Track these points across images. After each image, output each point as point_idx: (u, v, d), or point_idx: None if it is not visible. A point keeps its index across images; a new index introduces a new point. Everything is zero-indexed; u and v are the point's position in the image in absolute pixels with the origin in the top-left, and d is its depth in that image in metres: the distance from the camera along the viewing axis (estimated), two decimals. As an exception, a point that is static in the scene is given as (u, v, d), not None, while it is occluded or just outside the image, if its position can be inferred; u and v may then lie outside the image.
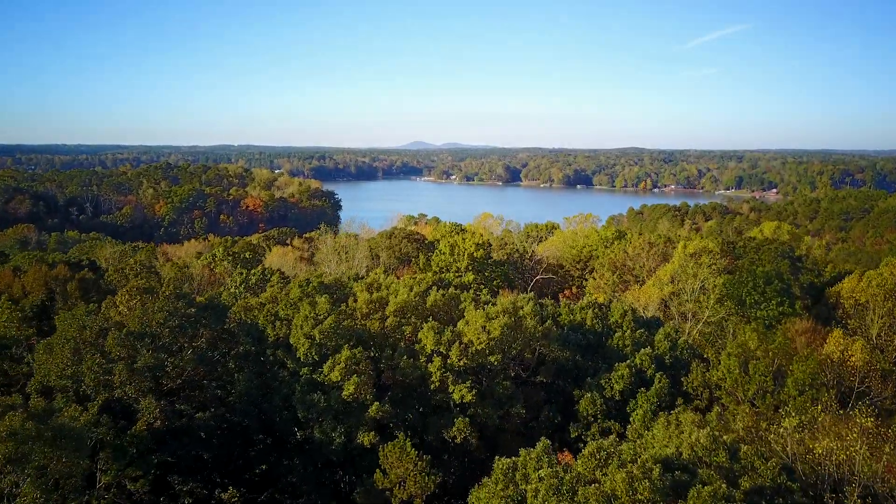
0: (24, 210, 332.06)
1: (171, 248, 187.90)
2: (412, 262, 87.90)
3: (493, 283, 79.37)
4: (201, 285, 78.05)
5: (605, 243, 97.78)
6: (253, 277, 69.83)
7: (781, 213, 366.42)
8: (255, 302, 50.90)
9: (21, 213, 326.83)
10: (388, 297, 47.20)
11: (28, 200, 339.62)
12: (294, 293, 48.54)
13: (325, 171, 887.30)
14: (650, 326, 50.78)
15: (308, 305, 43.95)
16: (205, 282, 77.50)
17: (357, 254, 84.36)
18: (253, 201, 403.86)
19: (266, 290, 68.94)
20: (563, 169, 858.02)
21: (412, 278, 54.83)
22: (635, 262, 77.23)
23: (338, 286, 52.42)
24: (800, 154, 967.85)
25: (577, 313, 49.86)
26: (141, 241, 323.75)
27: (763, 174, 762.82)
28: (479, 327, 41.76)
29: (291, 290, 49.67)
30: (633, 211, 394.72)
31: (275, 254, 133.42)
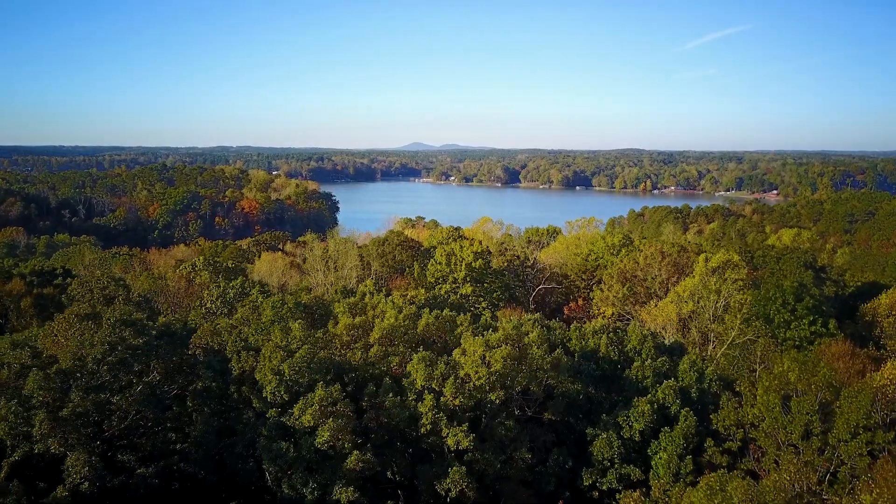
0: (15, 212, 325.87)
1: (159, 253, 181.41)
2: (407, 271, 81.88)
3: (493, 295, 73.40)
4: (178, 298, 72.04)
5: (612, 250, 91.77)
6: (231, 291, 63.79)
7: (784, 215, 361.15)
8: (224, 324, 44.85)
9: (12, 215, 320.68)
10: (374, 319, 41.22)
11: (19, 202, 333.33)
12: (266, 315, 42.54)
13: (323, 172, 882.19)
14: (672, 353, 44.63)
15: (280, 332, 37.95)
16: (181, 295, 71.51)
17: (347, 263, 78.26)
18: (248, 203, 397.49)
19: (244, 304, 63.03)
20: (562, 170, 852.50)
21: (402, 296, 48.84)
22: (646, 273, 71.27)
23: (318, 305, 46.41)
24: (798, 155, 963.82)
25: (589, 338, 43.65)
26: (134, 243, 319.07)
27: (763, 175, 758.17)
28: (478, 358, 35.77)
29: (264, 311, 43.65)
30: (633, 213, 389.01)
31: (264, 260, 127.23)
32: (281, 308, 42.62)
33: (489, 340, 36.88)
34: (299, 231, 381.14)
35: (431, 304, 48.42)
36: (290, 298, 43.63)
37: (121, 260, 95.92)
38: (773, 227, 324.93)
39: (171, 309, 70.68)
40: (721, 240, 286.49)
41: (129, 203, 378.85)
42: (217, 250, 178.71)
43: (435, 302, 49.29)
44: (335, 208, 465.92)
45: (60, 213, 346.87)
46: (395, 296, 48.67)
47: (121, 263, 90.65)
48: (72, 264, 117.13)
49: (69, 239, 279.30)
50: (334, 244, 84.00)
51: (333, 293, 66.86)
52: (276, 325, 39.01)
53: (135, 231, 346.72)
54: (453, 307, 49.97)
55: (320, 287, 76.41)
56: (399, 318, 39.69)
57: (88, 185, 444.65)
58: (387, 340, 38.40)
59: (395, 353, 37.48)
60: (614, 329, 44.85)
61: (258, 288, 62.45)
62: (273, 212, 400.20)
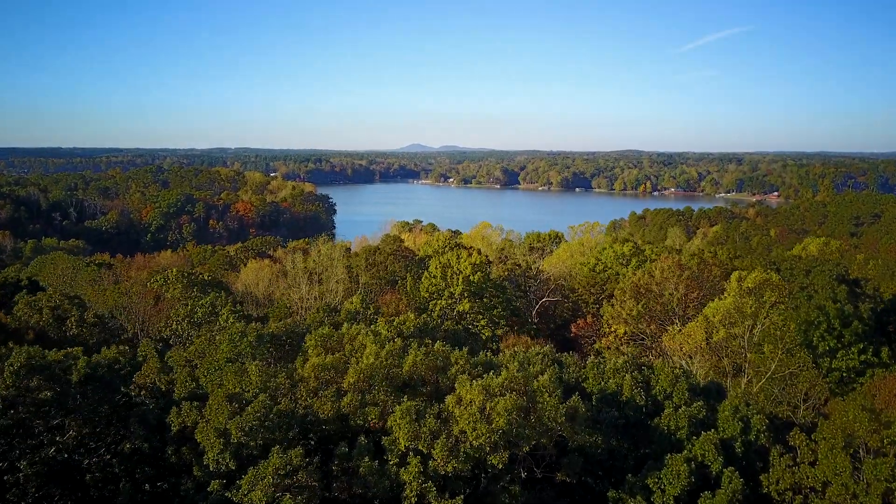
0: (4, 215, 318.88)
1: (145, 259, 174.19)
2: (399, 284, 74.79)
3: (493, 312, 66.37)
4: (146, 317, 64.91)
5: (622, 261, 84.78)
6: (199, 310, 56.73)
7: (788, 217, 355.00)
8: (178, 358, 37.75)
9: (1, 218, 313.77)
10: (351, 355, 34.15)
11: (9, 205, 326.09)
12: (222, 351, 35.42)
13: (321, 174, 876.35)
14: (709, 395, 37.41)
15: (233, 375, 30.90)
16: (148, 314, 64.46)
17: (333, 275, 71.03)
18: (243, 206, 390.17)
19: (217, 324, 55.96)
20: (561, 172, 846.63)
21: (389, 320, 41.71)
22: (662, 287, 64.27)
23: (289, 334, 39.24)
24: (798, 156, 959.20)
25: (609, 377, 36.35)
26: (126, 247, 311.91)
27: (764, 177, 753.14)
28: (477, 410, 28.74)
29: (220, 344, 36.52)
30: (634, 215, 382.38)
31: (250, 269, 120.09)
32: (240, 340, 35.53)
33: (490, 386, 29.81)
34: (295, 234, 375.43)
35: (422, 332, 41.36)
36: (251, 329, 36.56)
37: (90, 270, 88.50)
38: (777, 230, 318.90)
39: (137, 330, 63.53)
40: (725, 243, 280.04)
41: (122, 206, 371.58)
42: (205, 256, 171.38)
43: (426, 328, 42.27)
44: (332, 210, 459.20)
45: (51, 216, 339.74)
46: (379, 324, 41.58)
47: (90, 274, 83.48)
48: (44, 273, 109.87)
49: (58, 243, 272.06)
50: (318, 255, 76.73)
51: (315, 312, 59.77)
52: (229, 367, 31.92)
53: (127, 234, 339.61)
54: (448, 336, 42.85)
55: (303, 301, 69.33)
56: (381, 356, 32.60)
57: (81, 187, 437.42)
58: (365, 385, 31.33)
59: (373, 403, 30.39)
60: (638, 365, 37.68)
61: (229, 307, 55.31)
62: (268, 214, 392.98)
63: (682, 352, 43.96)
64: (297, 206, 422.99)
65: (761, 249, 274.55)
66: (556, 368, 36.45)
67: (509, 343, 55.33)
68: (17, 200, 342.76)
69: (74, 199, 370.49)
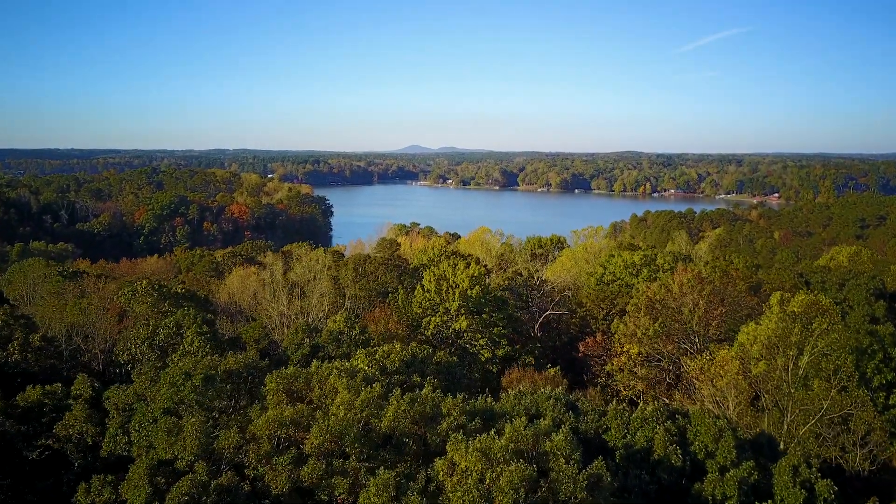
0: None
1: (132, 264, 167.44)
2: (389, 297, 68.18)
3: (493, 330, 59.78)
4: (109, 337, 58.33)
5: (632, 270, 78.28)
6: (162, 332, 50.11)
7: (792, 219, 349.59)
8: (115, 398, 30.99)
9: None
10: (320, 402, 27.62)
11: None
12: (160, 398, 28.65)
13: (319, 175, 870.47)
14: (759, 450, 30.75)
15: (165, 435, 24.22)
16: (111, 333, 57.89)
17: (316, 288, 64.24)
18: (238, 208, 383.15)
19: (181, 348, 49.36)
20: (560, 173, 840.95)
21: (371, 354, 35.14)
22: (681, 303, 57.84)
23: (250, 369, 32.62)
24: (797, 157, 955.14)
25: (636, 429, 29.64)
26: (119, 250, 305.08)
27: (764, 178, 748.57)
28: (475, 483, 22.28)
29: (160, 389, 29.70)
30: (636, 217, 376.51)
31: (235, 277, 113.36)
32: (183, 385, 28.78)
33: (491, 451, 23.32)
34: (291, 237, 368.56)
35: (410, 366, 34.82)
36: (202, 366, 29.82)
37: (53, 282, 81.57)
38: (781, 232, 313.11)
39: (97, 352, 56.93)
40: (728, 246, 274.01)
41: (115, 208, 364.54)
42: (192, 261, 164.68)
43: (415, 361, 35.72)
44: (329, 212, 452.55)
45: (42, 218, 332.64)
46: (358, 357, 34.95)
47: (53, 286, 76.70)
48: (16, 283, 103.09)
49: (45, 247, 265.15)
50: (301, 266, 69.99)
51: (294, 332, 53.17)
52: (164, 422, 25.29)
53: (119, 237, 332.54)
54: (441, 370, 36.21)
55: (284, 318, 62.74)
56: (356, 406, 26.08)
57: (73, 189, 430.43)
58: (333, 445, 24.81)
59: (342, 471, 23.85)
60: (671, 413, 30.97)
61: (195, 328, 48.64)
62: (264, 217, 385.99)
63: (715, 388, 37.49)
64: (293, 209, 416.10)
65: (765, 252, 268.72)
66: (571, 416, 29.89)
67: (513, 378, 48.80)
68: (6, 202, 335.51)
69: (66, 202, 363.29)
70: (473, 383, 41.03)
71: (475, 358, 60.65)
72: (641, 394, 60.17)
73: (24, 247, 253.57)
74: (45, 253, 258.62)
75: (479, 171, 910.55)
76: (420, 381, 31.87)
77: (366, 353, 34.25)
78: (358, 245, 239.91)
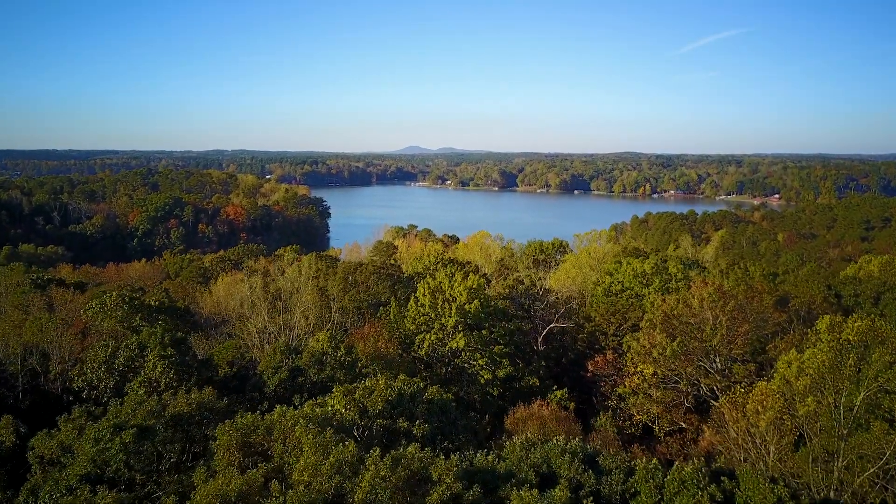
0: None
1: (117, 269, 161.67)
2: (381, 312, 62.68)
3: (493, 349, 54.30)
4: (70, 357, 52.85)
5: (643, 280, 72.85)
6: (122, 355, 44.70)
7: (796, 221, 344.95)
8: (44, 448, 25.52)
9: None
10: (281, 460, 22.28)
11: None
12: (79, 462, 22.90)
13: (317, 176, 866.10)
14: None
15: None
16: (74, 353, 52.47)
17: (300, 301, 58.51)
18: (234, 209, 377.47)
19: (142, 373, 43.91)
20: (560, 174, 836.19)
21: (347, 394, 29.64)
22: (700, 318, 52.49)
23: (203, 412, 27.23)
24: (797, 158, 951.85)
25: (673, 497, 23.68)
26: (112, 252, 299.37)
27: (764, 179, 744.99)
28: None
29: (83, 443, 24.15)
30: (637, 219, 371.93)
31: (221, 285, 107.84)
32: (110, 443, 23.24)
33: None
34: (287, 239, 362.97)
35: (396, 407, 29.31)
36: (141, 413, 24.50)
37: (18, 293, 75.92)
38: (784, 234, 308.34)
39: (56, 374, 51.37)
40: (731, 248, 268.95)
41: (108, 209, 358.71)
42: (182, 266, 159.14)
43: (401, 402, 30.19)
44: (326, 214, 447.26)
45: (34, 220, 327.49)
46: (335, 395, 29.33)
47: (17, 297, 71.05)
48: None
49: (35, 249, 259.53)
50: (283, 278, 64.34)
51: (272, 353, 47.68)
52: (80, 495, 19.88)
53: (113, 239, 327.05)
54: (433, 411, 30.58)
55: (264, 335, 57.24)
56: (323, 472, 20.70)
57: (67, 190, 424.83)
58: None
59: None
60: (714, 473, 25.44)
61: (158, 351, 43.19)
62: (260, 218, 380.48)
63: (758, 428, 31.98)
64: (289, 210, 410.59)
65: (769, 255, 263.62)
66: (591, 477, 24.44)
67: (517, 418, 43.27)
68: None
69: (59, 203, 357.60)
70: (471, 425, 35.63)
71: (474, 379, 55.25)
72: (656, 418, 54.83)
73: (12, 249, 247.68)
74: (34, 256, 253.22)
75: (478, 171, 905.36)
76: (407, 427, 26.55)
77: (343, 392, 28.83)
78: (354, 248, 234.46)
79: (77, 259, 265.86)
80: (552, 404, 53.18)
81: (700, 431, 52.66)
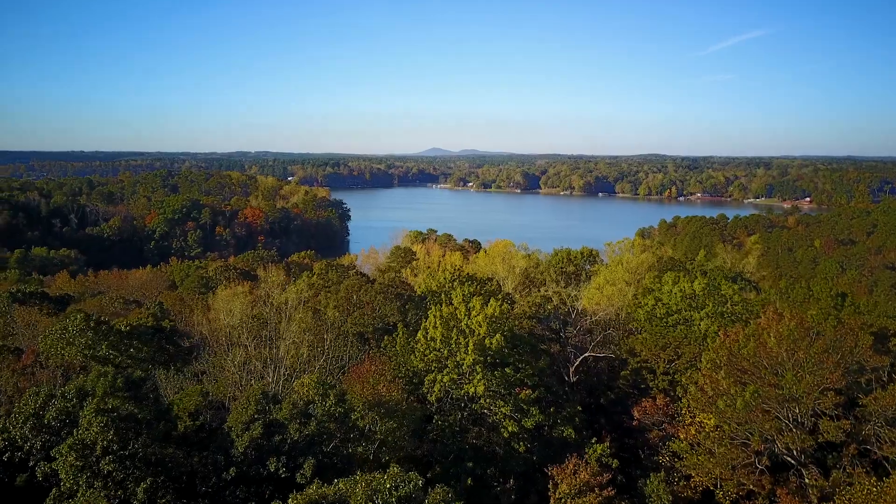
0: (2, 222, 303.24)
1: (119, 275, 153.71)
2: (385, 342, 52.89)
3: (519, 395, 44.26)
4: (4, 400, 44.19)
5: (693, 302, 62.40)
6: (54, 407, 35.74)
7: (833, 226, 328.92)
8: None
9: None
10: None
11: (6, 211, 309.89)
12: None
13: (339, 178, 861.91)
14: None
15: None
16: (23, 387, 43.81)
17: (290, 330, 48.67)
18: (252, 212, 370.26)
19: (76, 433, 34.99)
20: (583, 176, 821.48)
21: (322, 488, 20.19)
22: (776, 359, 42.30)
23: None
24: (826, 160, 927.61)
25: None
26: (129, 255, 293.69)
27: (795, 182, 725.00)
28: None
29: None
30: (665, 223, 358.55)
31: (220, 298, 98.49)
32: None
33: None
34: (306, 242, 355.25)
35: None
36: None
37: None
38: (821, 240, 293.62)
39: None
40: (765, 255, 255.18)
41: (126, 212, 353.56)
42: (187, 273, 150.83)
43: None
44: (346, 216, 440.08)
45: (51, 222, 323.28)
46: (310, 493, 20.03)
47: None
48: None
49: (48, 252, 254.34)
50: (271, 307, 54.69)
51: (245, 404, 38.28)
52: None
53: (130, 242, 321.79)
54: None
55: (244, 371, 47.90)
56: None
57: (85, 192, 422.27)
58: None
59: None
60: None
61: (95, 405, 34.12)
62: (278, 221, 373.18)
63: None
64: (308, 213, 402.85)
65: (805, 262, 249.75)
66: None
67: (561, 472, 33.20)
68: (15, 206, 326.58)
69: (76, 205, 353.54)
70: None
71: (495, 429, 45.41)
72: (720, 480, 44.56)
73: (24, 253, 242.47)
74: (47, 259, 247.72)
75: (500, 173, 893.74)
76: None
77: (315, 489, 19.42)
78: (371, 254, 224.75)
79: (91, 262, 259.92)
80: (591, 462, 43.31)
81: (775, 498, 42.50)
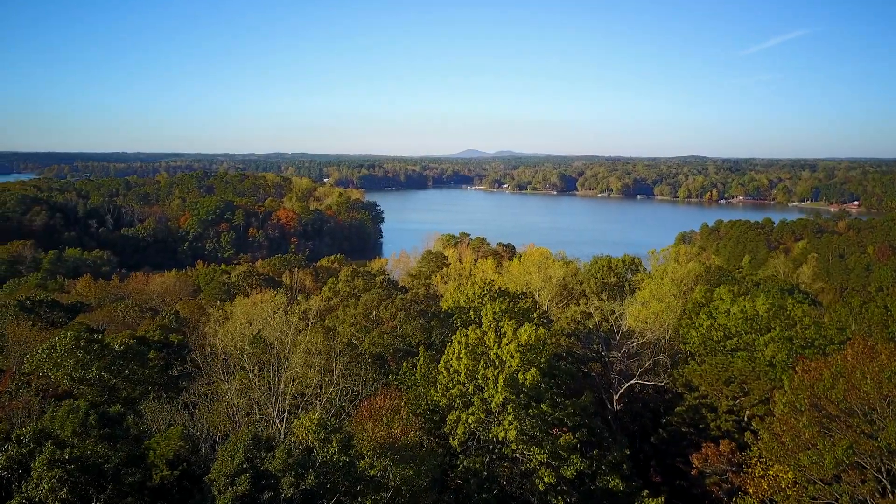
0: (39, 222, 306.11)
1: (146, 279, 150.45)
2: (404, 368, 46.50)
3: (558, 442, 37.31)
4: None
5: (755, 324, 54.76)
6: (2, 457, 30.17)
7: (889, 232, 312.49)
8: None
9: (36, 225, 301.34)
10: None
11: (44, 212, 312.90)
12: None
13: (374, 179, 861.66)
14: None
15: None
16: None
17: (295, 354, 42.43)
18: (285, 213, 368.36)
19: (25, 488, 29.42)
20: (621, 178, 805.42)
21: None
22: (870, 402, 34.90)
23: None
24: (875, 163, 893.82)
25: None
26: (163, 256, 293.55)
27: (842, 185, 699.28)
28: None
29: None
30: (706, 227, 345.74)
31: (241, 308, 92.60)
32: None
33: None
34: (339, 244, 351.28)
35: None
36: None
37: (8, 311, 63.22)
38: (875, 247, 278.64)
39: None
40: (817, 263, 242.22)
41: (161, 213, 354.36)
42: (212, 277, 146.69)
43: None
44: (379, 219, 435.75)
45: (87, 223, 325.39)
46: None
47: None
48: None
49: (80, 253, 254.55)
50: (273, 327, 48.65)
51: (232, 447, 32.27)
52: None
53: (164, 242, 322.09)
54: None
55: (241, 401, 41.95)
56: None
57: (122, 193, 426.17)
58: None
59: None
60: None
61: (50, 454, 28.50)
62: (311, 223, 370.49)
63: None
64: (342, 215, 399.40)
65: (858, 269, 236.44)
66: None
67: None
68: (53, 207, 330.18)
69: (112, 206, 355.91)
70: None
71: (528, 475, 38.63)
72: (798, 547, 37.07)
73: (58, 254, 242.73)
74: (80, 260, 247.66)
75: (536, 175, 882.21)
76: None
77: None
78: (402, 258, 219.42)
79: (125, 263, 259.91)
80: (643, 522, 36.31)
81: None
